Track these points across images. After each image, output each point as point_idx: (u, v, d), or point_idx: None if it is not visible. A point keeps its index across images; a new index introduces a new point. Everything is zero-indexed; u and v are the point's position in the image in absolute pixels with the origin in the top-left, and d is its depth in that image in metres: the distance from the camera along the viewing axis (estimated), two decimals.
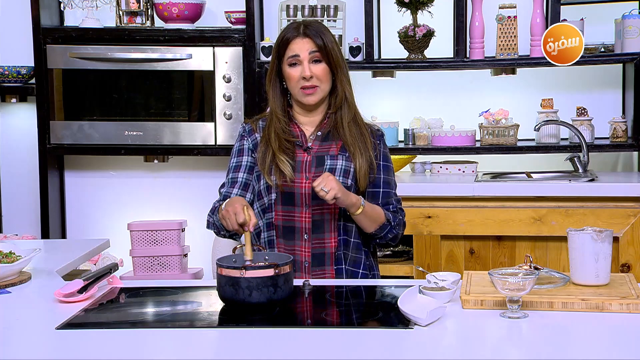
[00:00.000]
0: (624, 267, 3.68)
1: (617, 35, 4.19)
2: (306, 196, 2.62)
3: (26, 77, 4.37)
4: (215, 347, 1.99)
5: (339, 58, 2.65)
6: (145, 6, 4.33)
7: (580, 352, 1.90)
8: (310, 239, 2.62)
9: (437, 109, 4.42)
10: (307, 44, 2.62)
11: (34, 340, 2.02)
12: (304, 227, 2.62)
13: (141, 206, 4.56)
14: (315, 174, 2.63)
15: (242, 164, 2.70)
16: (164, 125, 4.28)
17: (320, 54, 2.62)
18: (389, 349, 1.89)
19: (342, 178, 2.63)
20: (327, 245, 2.63)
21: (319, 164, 2.65)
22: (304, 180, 2.62)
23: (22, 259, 2.51)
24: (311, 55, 2.62)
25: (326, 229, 2.63)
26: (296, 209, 2.62)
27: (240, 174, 2.68)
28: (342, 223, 2.65)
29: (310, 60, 2.62)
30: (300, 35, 2.63)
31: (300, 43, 2.62)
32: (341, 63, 2.66)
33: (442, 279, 2.33)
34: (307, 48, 2.62)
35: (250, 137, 2.72)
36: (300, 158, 2.65)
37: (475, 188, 3.82)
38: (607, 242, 2.26)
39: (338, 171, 2.63)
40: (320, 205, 2.61)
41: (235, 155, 2.73)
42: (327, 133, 2.69)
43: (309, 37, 2.62)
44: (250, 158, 2.70)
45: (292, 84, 2.64)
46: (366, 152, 2.66)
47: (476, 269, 3.52)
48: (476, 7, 4.19)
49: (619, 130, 4.16)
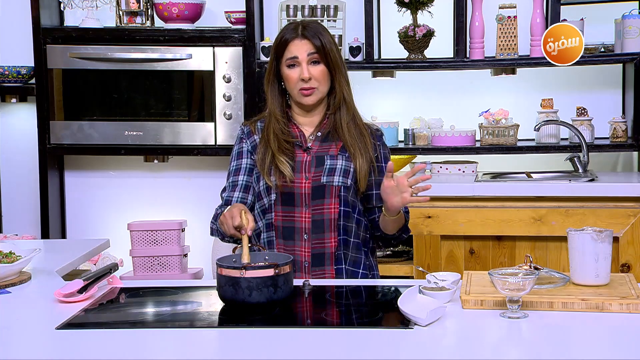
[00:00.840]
0: (623, 267, 3.68)
1: (617, 35, 4.19)
2: (306, 196, 2.62)
3: (26, 77, 4.37)
4: (215, 347, 1.99)
5: (337, 59, 2.65)
6: (145, 6, 4.33)
7: (580, 352, 1.90)
8: (310, 239, 2.62)
9: (437, 109, 4.42)
10: (306, 45, 2.62)
11: (33, 340, 2.02)
12: (303, 227, 2.62)
13: (141, 206, 4.56)
14: (315, 174, 2.63)
15: (242, 167, 2.70)
16: (163, 125, 4.28)
17: (318, 55, 2.62)
18: (389, 349, 1.89)
19: (342, 178, 2.63)
20: (327, 245, 2.63)
21: (318, 164, 2.65)
22: (304, 180, 2.62)
23: (22, 259, 2.51)
24: (309, 56, 2.62)
25: (326, 228, 2.63)
26: (296, 209, 2.62)
27: (241, 177, 2.68)
28: (342, 223, 2.64)
29: (308, 62, 2.62)
30: (298, 36, 2.63)
31: (299, 44, 2.62)
32: (340, 64, 2.66)
33: (442, 279, 2.33)
34: (305, 50, 2.62)
35: (249, 139, 2.72)
36: (300, 158, 2.65)
37: (475, 188, 3.81)
38: (607, 242, 2.26)
39: (338, 171, 2.63)
40: (320, 206, 2.62)
41: (234, 158, 2.73)
42: (327, 133, 2.69)
43: (307, 39, 2.62)
44: (249, 160, 2.70)
45: (291, 85, 2.64)
46: (366, 153, 2.67)
47: (476, 269, 3.51)
48: (476, 7, 4.19)
49: (619, 130, 4.16)
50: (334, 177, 2.63)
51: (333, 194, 2.63)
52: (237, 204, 2.49)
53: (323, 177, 2.63)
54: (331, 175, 2.64)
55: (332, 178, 2.63)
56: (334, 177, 2.63)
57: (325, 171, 2.63)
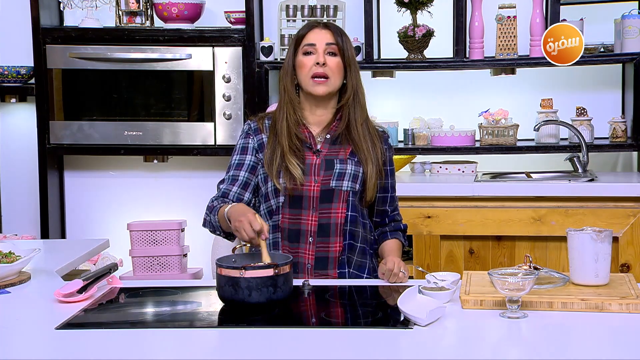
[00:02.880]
0: (623, 267, 3.68)
1: (617, 35, 4.19)
2: (314, 199, 2.60)
3: (26, 77, 4.37)
4: (215, 347, 1.99)
5: (353, 57, 2.66)
6: (145, 6, 4.33)
7: (580, 352, 1.90)
8: (315, 242, 2.60)
9: (436, 109, 4.42)
10: (326, 34, 2.63)
11: (33, 340, 2.02)
12: (309, 230, 2.61)
13: (141, 206, 4.56)
14: (324, 177, 2.61)
15: (245, 163, 2.67)
16: (163, 125, 4.28)
17: (337, 47, 2.62)
18: (388, 349, 1.89)
19: (350, 183, 2.62)
20: (331, 250, 2.61)
21: (327, 168, 2.63)
22: (313, 183, 2.60)
23: (21, 259, 2.51)
24: (327, 46, 2.62)
25: (332, 233, 2.62)
26: (303, 212, 2.61)
27: (242, 173, 2.66)
28: (349, 228, 2.63)
29: (325, 52, 2.61)
30: (319, 26, 2.65)
31: (319, 33, 2.64)
32: (355, 63, 2.67)
33: (441, 279, 2.33)
34: (325, 39, 2.63)
35: (256, 136, 2.69)
36: (309, 161, 2.63)
37: (475, 188, 3.82)
38: (607, 242, 2.26)
39: (347, 176, 2.62)
40: (327, 210, 2.61)
41: (238, 152, 2.70)
42: (337, 136, 2.66)
43: (329, 30, 2.64)
44: (253, 158, 2.67)
45: (304, 72, 2.62)
46: (376, 163, 2.65)
47: (476, 269, 3.51)
48: (476, 7, 4.19)
49: (619, 130, 4.16)
50: (343, 181, 2.62)
51: (341, 199, 2.61)
52: (244, 207, 2.44)
53: (332, 181, 2.61)
54: (340, 179, 2.62)
55: (341, 183, 2.62)
56: (343, 182, 2.62)
57: (334, 175, 2.61)
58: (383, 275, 2.51)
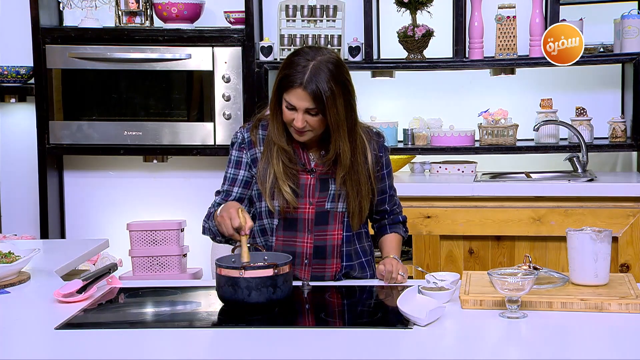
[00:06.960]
0: (623, 267, 3.68)
1: (617, 35, 4.19)
2: (309, 222, 2.56)
3: (25, 77, 4.37)
4: (214, 347, 1.99)
5: (340, 113, 2.45)
6: (145, 6, 4.33)
7: (580, 352, 1.90)
8: (311, 264, 2.57)
9: (436, 109, 4.42)
10: (305, 99, 2.42)
11: (33, 340, 2.02)
12: (304, 253, 2.56)
13: (140, 206, 4.56)
14: (319, 199, 2.55)
15: (238, 179, 2.60)
16: (163, 126, 4.28)
17: (317, 110, 2.44)
18: (388, 349, 1.90)
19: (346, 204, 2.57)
20: (327, 270, 2.58)
21: (322, 189, 2.56)
22: (308, 205, 2.55)
23: (21, 259, 2.51)
24: (307, 109, 2.45)
25: (328, 255, 2.58)
26: (298, 234, 2.56)
27: (235, 189, 2.60)
28: (345, 249, 2.60)
29: (305, 112, 2.45)
30: (301, 86, 2.42)
31: (300, 95, 2.43)
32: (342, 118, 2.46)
33: (441, 279, 2.34)
34: (303, 104, 2.43)
35: (249, 150, 2.60)
36: (303, 181, 2.56)
37: (475, 188, 3.82)
38: (606, 242, 2.26)
39: (342, 197, 2.56)
40: (323, 232, 2.57)
41: (232, 165, 2.62)
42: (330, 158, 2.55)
43: (308, 93, 2.41)
44: (247, 173, 2.60)
45: (286, 120, 2.49)
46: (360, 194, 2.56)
47: (475, 269, 3.52)
48: (475, 7, 4.19)
49: (618, 130, 4.16)
50: (339, 203, 2.57)
51: (337, 220, 2.57)
52: (233, 203, 2.43)
53: (327, 203, 2.56)
54: (335, 201, 2.57)
55: (336, 204, 2.57)
56: (339, 204, 2.57)
57: (329, 197, 2.56)
58: (382, 276, 2.51)
